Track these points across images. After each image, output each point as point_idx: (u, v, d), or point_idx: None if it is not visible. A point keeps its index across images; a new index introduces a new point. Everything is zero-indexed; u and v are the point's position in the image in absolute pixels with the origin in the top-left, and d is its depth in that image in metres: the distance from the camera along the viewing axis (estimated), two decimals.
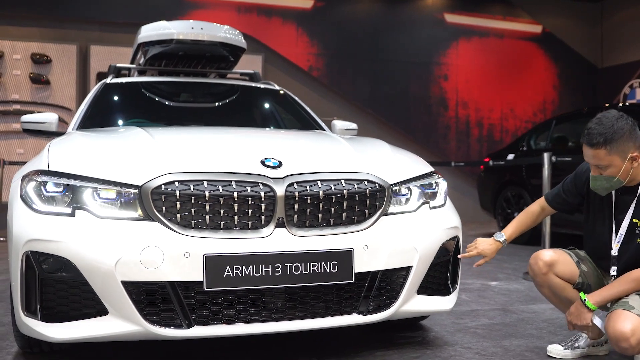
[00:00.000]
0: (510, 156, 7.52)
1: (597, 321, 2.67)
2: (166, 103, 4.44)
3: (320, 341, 3.07)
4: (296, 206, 2.46)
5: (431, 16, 10.84)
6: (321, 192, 2.49)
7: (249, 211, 2.41)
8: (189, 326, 2.36)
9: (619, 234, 2.68)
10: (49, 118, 3.96)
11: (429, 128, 10.76)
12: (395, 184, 2.73)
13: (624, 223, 2.66)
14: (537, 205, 2.99)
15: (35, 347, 2.74)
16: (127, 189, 2.40)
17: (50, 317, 2.37)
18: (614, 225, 2.71)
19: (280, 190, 2.43)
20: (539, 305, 3.91)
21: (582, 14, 11.80)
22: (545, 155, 5.06)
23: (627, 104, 7.06)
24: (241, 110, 4.56)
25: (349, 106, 10.16)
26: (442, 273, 2.86)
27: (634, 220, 2.64)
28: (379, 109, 10.41)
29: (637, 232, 2.64)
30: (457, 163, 7.04)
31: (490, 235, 3.42)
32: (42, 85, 8.84)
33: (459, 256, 2.89)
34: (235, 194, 2.39)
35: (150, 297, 2.34)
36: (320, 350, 2.88)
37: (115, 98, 4.31)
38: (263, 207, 2.42)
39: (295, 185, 2.47)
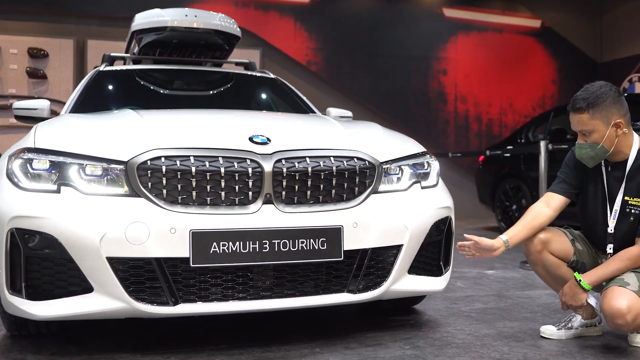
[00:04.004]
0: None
1: (592, 300, 2.64)
2: (160, 91, 4.40)
3: (311, 322, 3.05)
4: (284, 182, 2.43)
5: (430, 10, 10.80)
6: (309, 169, 2.46)
7: (236, 187, 2.38)
8: (175, 303, 2.33)
9: (613, 211, 2.64)
10: (40, 104, 3.94)
11: (428, 123, 10.72)
12: (386, 162, 2.70)
13: (617, 199, 2.63)
14: (541, 203, 2.80)
15: (23, 330, 2.71)
16: (112, 165, 2.38)
17: (35, 295, 2.34)
18: (607, 202, 2.68)
19: (268, 166, 2.41)
20: (534, 291, 3.88)
21: (582, 9, 11.75)
22: (542, 144, 5.02)
23: (625, 95, 7.02)
24: (236, 97, 4.52)
25: (347, 100, 10.11)
26: (434, 253, 2.83)
27: (625, 197, 2.61)
28: (377, 104, 10.37)
29: (627, 210, 2.61)
30: (455, 154, 7.01)
31: (488, 228, 3.32)
32: (39, 80, 8.80)
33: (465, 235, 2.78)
34: (222, 170, 2.36)
35: (136, 273, 2.31)
36: (311, 331, 2.85)
37: (108, 85, 4.28)
38: (250, 183, 2.39)
39: (283, 161, 2.44)
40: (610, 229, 2.65)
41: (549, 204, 2.79)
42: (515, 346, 2.64)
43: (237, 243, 2.33)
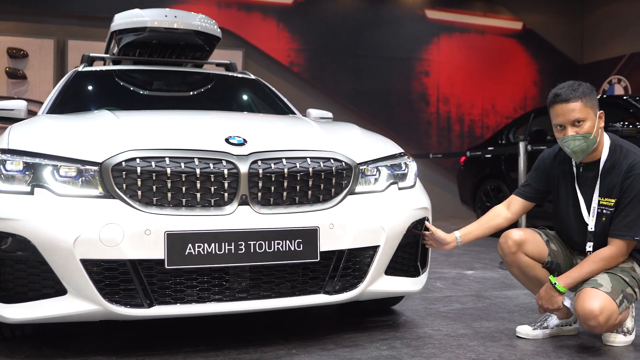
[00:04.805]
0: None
1: (567, 302, 2.68)
2: (140, 92, 4.37)
3: (288, 323, 3.04)
4: (260, 184, 2.42)
5: (412, 12, 10.85)
6: (286, 170, 2.46)
7: (212, 188, 2.37)
8: (150, 305, 2.31)
9: (592, 209, 2.65)
10: (17, 105, 3.88)
11: (410, 124, 10.76)
12: (363, 164, 2.70)
13: (594, 198, 2.64)
14: (502, 205, 2.93)
15: None
16: (87, 166, 2.36)
17: (8, 297, 2.32)
18: (580, 203, 2.69)
19: (243, 167, 2.40)
20: (512, 291, 3.90)
21: (563, 11, 11.86)
22: (521, 145, 5.06)
23: (605, 96, 7.09)
24: (216, 98, 4.51)
25: (330, 101, 10.12)
26: (411, 254, 2.83)
27: (599, 198, 2.63)
28: (360, 105, 10.40)
29: (599, 210, 2.63)
30: (435, 155, 7.03)
31: None
32: (19, 80, 8.73)
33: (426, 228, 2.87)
34: (198, 171, 2.35)
35: (110, 275, 2.29)
36: (288, 333, 2.85)
37: (86, 86, 4.25)
38: (226, 184, 2.38)
39: (259, 162, 2.43)
40: (591, 227, 2.66)
41: (509, 207, 2.91)
42: (491, 346, 2.66)
43: (213, 244, 2.32)
